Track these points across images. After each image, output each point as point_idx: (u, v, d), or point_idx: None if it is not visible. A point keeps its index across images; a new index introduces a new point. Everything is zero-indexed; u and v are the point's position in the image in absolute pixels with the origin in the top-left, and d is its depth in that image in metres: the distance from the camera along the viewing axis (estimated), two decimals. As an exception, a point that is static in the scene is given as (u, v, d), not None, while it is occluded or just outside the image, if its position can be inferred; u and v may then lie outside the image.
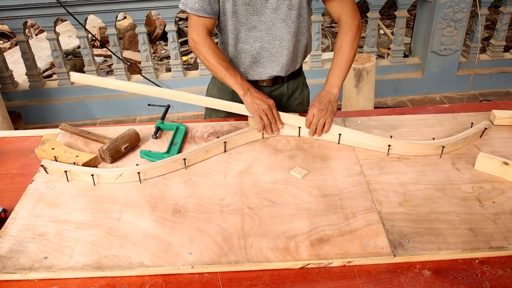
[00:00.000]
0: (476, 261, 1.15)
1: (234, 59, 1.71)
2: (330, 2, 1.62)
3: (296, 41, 1.68)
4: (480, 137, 1.59)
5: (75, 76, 1.67)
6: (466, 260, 1.15)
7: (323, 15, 3.61)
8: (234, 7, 1.56)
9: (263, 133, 1.60)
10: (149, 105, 1.99)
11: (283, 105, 1.82)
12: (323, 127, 1.56)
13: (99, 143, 1.58)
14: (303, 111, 1.84)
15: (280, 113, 1.62)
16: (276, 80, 1.78)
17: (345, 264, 1.14)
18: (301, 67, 1.84)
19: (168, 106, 1.82)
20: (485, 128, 1.60)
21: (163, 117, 1.74)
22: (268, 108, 1.57)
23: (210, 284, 1.11)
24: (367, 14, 3.65)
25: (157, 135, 1.64)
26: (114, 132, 1.63)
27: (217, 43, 1.69)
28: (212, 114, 1.88)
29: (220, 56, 1.62)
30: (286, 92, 1.82)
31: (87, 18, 3.44)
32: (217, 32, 1.74)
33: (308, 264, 1.14)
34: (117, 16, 3.52)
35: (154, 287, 1.10)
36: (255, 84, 1.73)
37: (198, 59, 1.64)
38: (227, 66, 1.61)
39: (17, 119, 3.59)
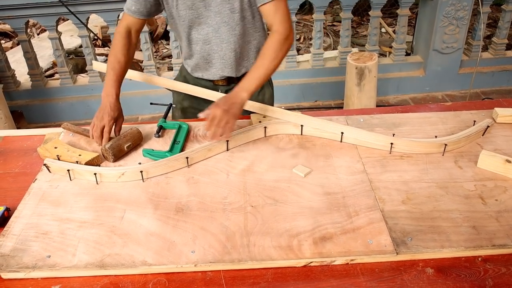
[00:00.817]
0: (479, 259, 1.15)
1: (189, 59, 1.78)
2: (263, 8, 1.58)
3: (244, 43, 1.70)
4: (483, 135, 1.59)
5: (96, 65, 1.84)
6: (469, 258, 1.15)
7: (325, 13, 3.60)
8: (179, 11, 1.60)
9: (265, 132, 1.60)
10: (151, 103, 2.00)
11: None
12: (223, 130, 1.44)
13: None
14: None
15: (282, 110, 1.63)
16: (231, 80, 1.80)
17: (348, 262, 1.14)
18: None
19: (171, 105, 1.82)
20: (488, 126, 1.60)
21: (165, 116, 1.74)
22: (101, 120, 1.55)
23: (213, 283, 1.11)
24: (369, 13, 3.64)
25: (160, 133, 1.64)
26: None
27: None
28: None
29: (117, 55, 1.64)
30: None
31: (89, 17, 3.44)
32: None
33: (311, 262, 1.14)
34: (119, 15, 3.51)
35: (157, 286, 1.10)
36: (212, 83, 1.80)
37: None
38: (113, 67, 1.62)
39: (19, 119, 3.60)
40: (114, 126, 1.57)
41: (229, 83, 1.82)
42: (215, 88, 1.82)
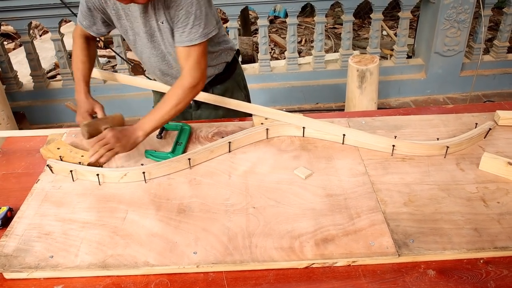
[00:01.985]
0: (481, 261, 1.15)
1: (151, 71, 1.82)
2: (177, 49, 1.54)
3: (173, 63, 1.69)
4: (485, 137, 1.59)
5: (96, 72, 1.86)
6: (471, 260, 1.16)
7: (326, 16, 3.60)
8: (125, 36, 1.66)
9: (267, 134, 1.61)
10: (153, 107, 2.01)
11: (216, 111, 1.84)
12: (105, 154, 1.43)
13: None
14: (241, 114, 1.81)
15: (284, 112, 1.63)
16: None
17: (350, 263, 1.15)
18: (230, 72, 1.85)
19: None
20: (490, 129, 1.60)
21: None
22: (80, 119, 1.59)
23: (215, 284, 1.11)
24: (371, 15, 3.65)
25: (162, 135, 1.64)
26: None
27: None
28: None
29: (79, 57, 1.70)
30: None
31: (91, 19, 3.45)
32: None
33: (313, 263, 1.14)
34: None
35: (159, 286, 1.11)
36: None
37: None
38: (78, 68, 1.69)
39: (22, 120, 3.61)
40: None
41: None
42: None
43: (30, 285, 1.12)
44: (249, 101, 1.98)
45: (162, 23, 1.52)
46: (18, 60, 4.66)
